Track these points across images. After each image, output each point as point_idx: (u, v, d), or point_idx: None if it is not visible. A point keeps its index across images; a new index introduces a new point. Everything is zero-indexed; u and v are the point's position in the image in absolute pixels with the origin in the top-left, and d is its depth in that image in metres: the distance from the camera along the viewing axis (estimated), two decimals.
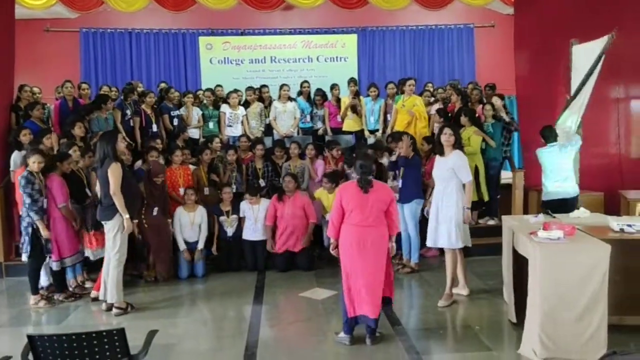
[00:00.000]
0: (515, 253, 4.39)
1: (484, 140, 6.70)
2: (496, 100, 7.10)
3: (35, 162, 5.08)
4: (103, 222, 4.94)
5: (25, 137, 5.98)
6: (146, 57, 10.67)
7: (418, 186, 6.04)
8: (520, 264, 4.32)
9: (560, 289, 3.66)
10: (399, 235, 6.02)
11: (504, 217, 5.06)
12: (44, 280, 5.52)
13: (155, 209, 5.92)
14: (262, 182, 6.65)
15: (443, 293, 5.03)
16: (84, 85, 7.68)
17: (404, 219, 5.96)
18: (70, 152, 5.60)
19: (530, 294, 3.83)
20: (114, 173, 4.77)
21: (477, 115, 6.98)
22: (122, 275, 5.02)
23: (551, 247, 3.74)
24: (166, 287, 5.75)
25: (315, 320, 4.80)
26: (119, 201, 4.78)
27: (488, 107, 6.89)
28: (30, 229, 5.14)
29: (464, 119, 6.72)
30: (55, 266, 5.28)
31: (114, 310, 4.94)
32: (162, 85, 8.69)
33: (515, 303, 4.37)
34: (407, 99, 7.35)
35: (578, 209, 4.96)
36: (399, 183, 6.07)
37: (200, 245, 6.11)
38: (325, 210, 6.29)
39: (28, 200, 5.04)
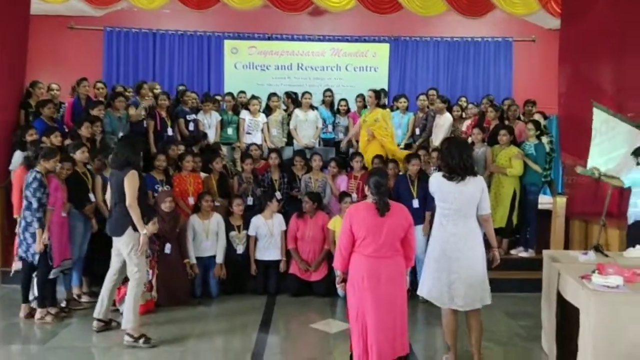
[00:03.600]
0: (559, 297, 3.78)
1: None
2: (540, 118, 6.53)
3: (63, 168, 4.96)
4: (114, 237, 4.38)
5: (31, 137, 5.66)
6: (169, 58, 10.32)
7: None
8: (564, 308, 3.73)
9: (619, 347, 3.07)
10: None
11: (545, 252, 4.44)
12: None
13: (168, 245, 5.34)
14: (278, 195, 6.15)
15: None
16: (99, 85, 7.33)
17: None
18: (78, 153, 5.24)
19: (582, 350, 3.23)
20: (132, 182, 4.21)
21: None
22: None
23: (609, 297, 3.13)
24: (168, 309, 5.21)
25: (323, 359, 4.25)
26: (135, 214, 4.21)
27: (530, 125, 6.27)
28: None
29: (504, 137, 6.13)
30: (53, 274, 4.86)
31: (126, 338, 4.28)
32: (180, 88, 8.30)
33: (558, 356, 3.76)
34: (368, 114, 6.66)
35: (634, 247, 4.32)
36: (415, 202, 5.58)
37: (219, 259, 5.59)
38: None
39: (35, 205, 4.65)
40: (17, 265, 5.19)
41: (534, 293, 5.33)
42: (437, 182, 3.78)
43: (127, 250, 4.28)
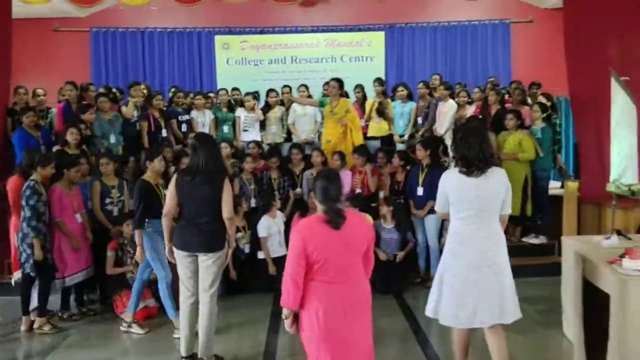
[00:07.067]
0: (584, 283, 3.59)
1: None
2: (544, 100, 6.34)
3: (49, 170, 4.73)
4: (206, 253, 3.72)
5: None
6: (159, 57, 10.07)
7: None
8: (587, 294, 3.55)
9: None
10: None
11: (564, 239, 4.26)
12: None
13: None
14: (276, 194, 5.94)
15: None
16: (92, 88, 7.07)
17: (423, 230, 5.53)
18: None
19: (613, 338, 3.05)
20: (231, 193, 3.81)
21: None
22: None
23: None
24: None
25: None
26: (234, 227, 3.91)
27: (536, 107, 6.09)
28: None
29: (511, 122, 5.94)
30: (58, 284, 4.81)
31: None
32: (173, 90, 8.02)
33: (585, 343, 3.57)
34: (336, 104, 6.29)
35: None
36: (420, 190, 5.51)
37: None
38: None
39: (29, 214, 4.47)
40: (16, 275, 4.99)
41: (547, 277, 5.32)
42: (452, 179, 3.16)
43: (216, 268, 3.75)
